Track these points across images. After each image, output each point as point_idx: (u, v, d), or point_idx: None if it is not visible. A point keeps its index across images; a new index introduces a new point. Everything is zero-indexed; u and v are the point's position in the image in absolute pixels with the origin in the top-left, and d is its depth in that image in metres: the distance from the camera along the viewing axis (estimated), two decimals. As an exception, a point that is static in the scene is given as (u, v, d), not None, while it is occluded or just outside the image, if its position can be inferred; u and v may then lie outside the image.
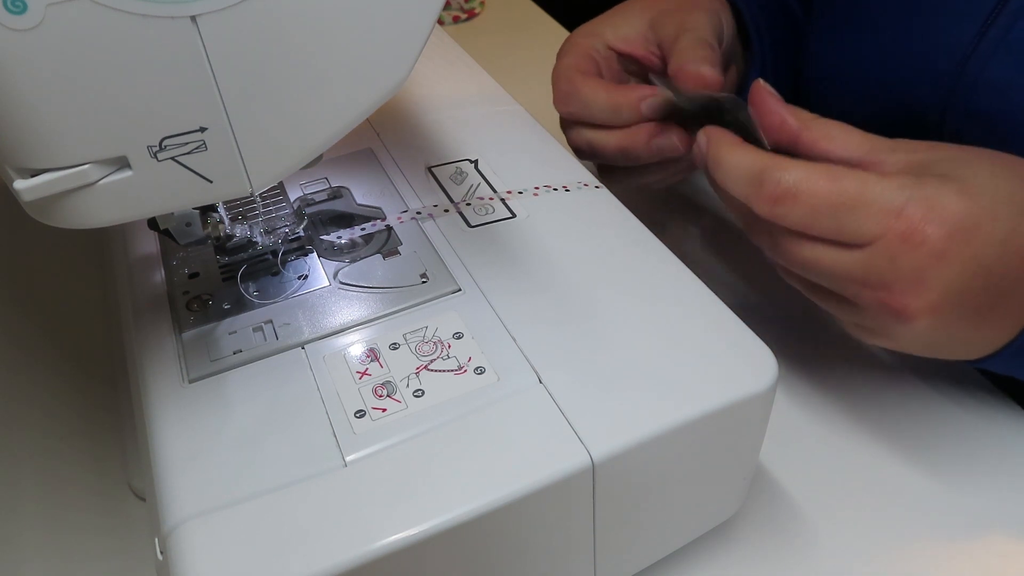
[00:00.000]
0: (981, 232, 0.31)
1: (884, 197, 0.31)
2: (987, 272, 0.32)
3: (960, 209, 0.31)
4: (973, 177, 0.32)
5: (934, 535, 0.38)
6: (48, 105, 0.23)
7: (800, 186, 0.32)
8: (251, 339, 0.33)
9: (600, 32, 0.47)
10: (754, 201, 0.33)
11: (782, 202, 0.32)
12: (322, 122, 0.27)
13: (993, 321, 0.34)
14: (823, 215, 0.32)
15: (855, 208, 0.31)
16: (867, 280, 0.33)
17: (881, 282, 0.32)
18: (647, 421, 0.29)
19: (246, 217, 0.39)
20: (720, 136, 0.36)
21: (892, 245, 0.31)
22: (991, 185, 0.32)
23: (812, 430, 0.42)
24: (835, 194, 0.31)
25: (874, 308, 0.33)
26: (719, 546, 0.38)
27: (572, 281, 0.35)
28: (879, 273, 0.32)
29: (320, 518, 0.27)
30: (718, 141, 0.35)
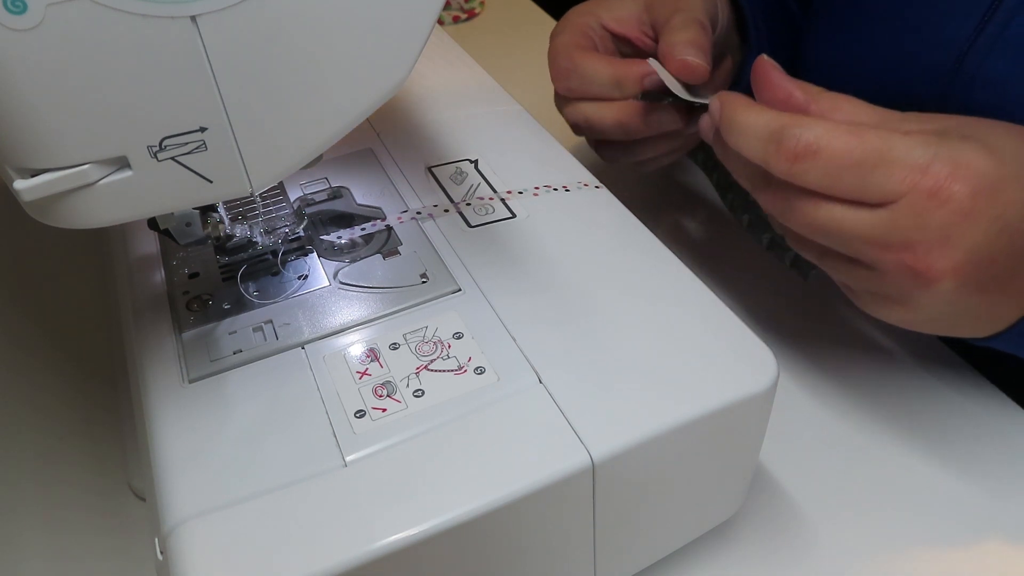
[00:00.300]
0: (1007, 192, 0.30)
1: (910, 154, 0.30)
2: (1012, 233, 0.31)
3: (987, 167, 0.30)
4: (996, 139, 0.31)
5: (934, 535, 0.38)
6: (48, 105, 0.23)
7: (821, 142, 0.31)
8: (251, 339, 0.33)
9: (595, 12, 0.47)
10: (772, 160, 0.32)
11: (802, 159, 0.31)
12: (322, 122, 0.27)
13: (1011, 291, 0.33)
14: (846, 172, 0.31)
15: (879, 165, 0.30)
16: (889, 241, 0.31)
17: (905, 242, 0.31)
18: (647, 421, 0.29)
19: (246, 217, 0.39)
20: (734, 98, 0.34)
21: (918, 202, 0.30)
22: (1012, 148, 0.31)
23: (812, 430, 0.42)
24: (859, 150, 0.30)
25: (895, 271, 0.32)
26: (719, 546, 0.38)
27: (572, 281, 0.35)
28: (903, 232, 0.31)
29: (320, 518, 0.27)
30: (733, 102, 0.34)
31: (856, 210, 0.32)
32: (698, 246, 0.54)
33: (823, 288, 0.50)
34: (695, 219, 0.56)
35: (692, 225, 0.56)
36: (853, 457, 0.41)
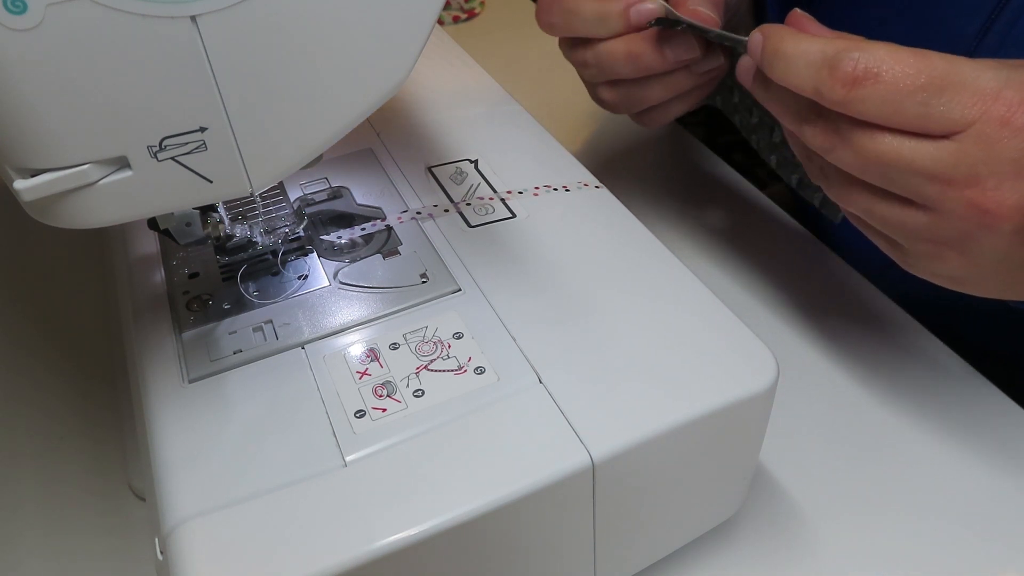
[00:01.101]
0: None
1: (979, 78, 0.28)
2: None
3: None
4: None
5: (934, 535, 0.38)
6: (48, 105, 0.23)
7: (883, 66, 0.28)
8: (251, 339, 0.33)
9: None
10: (825, 87, 0.29)
11: (861, 84, 0.29)
12: (322, 122, 0.27)
13: None
14: (908, 99, 0.28)
15: (946, 90, 0.28)
16: (954, 176, 0.29)
17: (972, 176, 0.29)
18: (647, 421, 0.29)
19: (246, 217, 0.39)
20: (778, 28, 0.31)
21: (989, 131, 0.28)
22: None
23: (812, 430, 0.42)
24: (924, 73, 0.28)
25: (958, 210, 0.30)
26: (719, 546, 0.38)
27: (572, 281, 0.35)
28: (971, 165, 0.29)
29: (320, 518, 0.27)
30: (778, 32, 0.31)
31: (919, 142, 0.29)
32: (698, 246, 0.54)
33: (823, 289, 0.50)
34: (695, 219, 0.56)
35: (692, 225, 0.56)
36: (853, 457, 0.41)
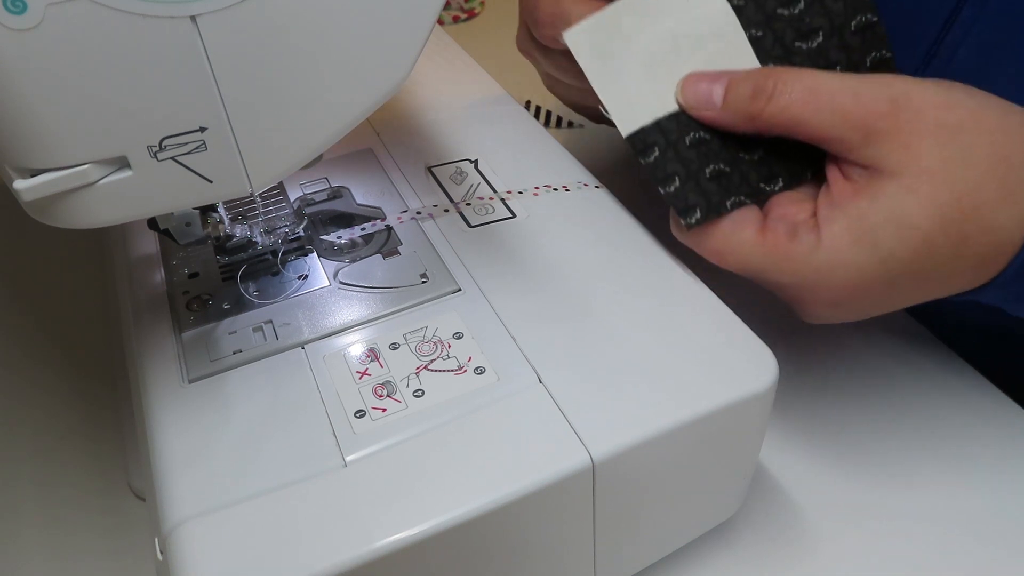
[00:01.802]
0: (863, 302, 0.34)
1: (766, 276, 0.34)
2: (883, 303, 0.35)
3: (838, 297, 0.34)
4: (890, 236, 0.32)
5: (934, 535, 0.38)
6: (48, 105, 0.23)
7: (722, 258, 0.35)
8: (251, 339, 0.33)
9: None
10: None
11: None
12: (322, 122, 0.27)
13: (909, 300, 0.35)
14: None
15: (748, 275, 0.35)
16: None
17: (794, 302, 0.36)
18: (647, 421, 0.29)
19: (246, 217, 0.39)
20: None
21: (791, 297, 0.36)
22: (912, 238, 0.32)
23: (812, 430, 0.42)
24: (729, 267, 0.35)
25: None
26: (719, 546, 0.38)
27: (572, 281, 0.35)
28: (787, 296, 0.36)
29: (320, 518, 0.27)
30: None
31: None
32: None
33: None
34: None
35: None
36: (853, 457, 0.41)
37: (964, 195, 0.31)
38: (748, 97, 0.33)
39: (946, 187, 0.31)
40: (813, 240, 0.32)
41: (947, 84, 0.32)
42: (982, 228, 0.31)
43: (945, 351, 0.46)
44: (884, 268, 0.32)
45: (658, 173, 0.35)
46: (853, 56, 0.36)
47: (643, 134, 0.36)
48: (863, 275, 0.32)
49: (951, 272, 0.32)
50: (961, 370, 0.45)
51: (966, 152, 0.31)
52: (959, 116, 0.31)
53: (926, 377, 0.44)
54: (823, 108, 0.32)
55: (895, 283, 0.32)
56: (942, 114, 0.31)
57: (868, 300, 0.34)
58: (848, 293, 0.33)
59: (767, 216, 0.35)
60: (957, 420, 0.42)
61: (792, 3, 0.36)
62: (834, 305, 0.34)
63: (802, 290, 0.34)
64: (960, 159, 0.31)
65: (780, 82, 0.33)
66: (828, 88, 0.32)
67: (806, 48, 0.36)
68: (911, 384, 0.44)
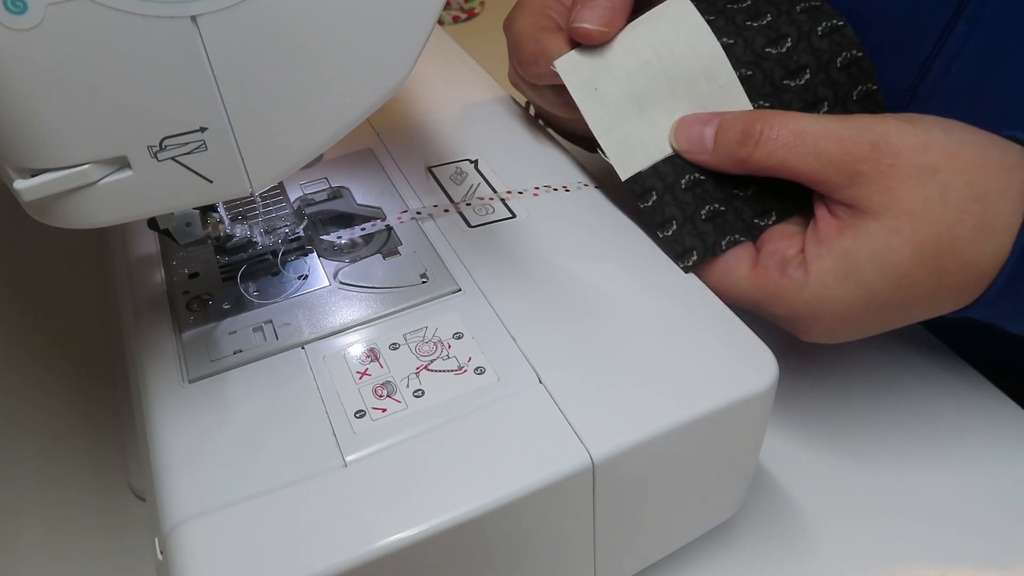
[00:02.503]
0: (852, 330, 0.36)
1: (760, 308, 0.36)
2: (872, 328, 0.36)
3: (829, 327, 0.36)
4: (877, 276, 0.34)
5: (934, 535, 0.38)
6: (48, 105, 0.23)
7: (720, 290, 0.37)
8: (251, 339, 0.33)
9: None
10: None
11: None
12: (322, 122, 0.27)
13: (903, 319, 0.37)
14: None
15: (744, 307, 0.37)
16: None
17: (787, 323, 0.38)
18: (647, 421, 0.29)
19: (246, 217, 0.39)
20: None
21: (787, 326, 0.37)
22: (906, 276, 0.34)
23: (812, 430, 0.42)
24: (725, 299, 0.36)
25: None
26: (719, 546, 0.38)
27: (572, 281, 0.35)
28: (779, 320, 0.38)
29: (320, 518, 0.27)
30: None
31: None
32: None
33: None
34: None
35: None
36: (853, 457, 0.41)
37: (943, 232, 0.33)
38: (737, 142, 0.35)
39: (925, 226, 0.33)
40: (802, 277, 0.34)
41: (926, 124, 0.34)
42: (960, 263, 0.33)
43: (945, 351, 0.46)
44: (868, 301, 0.34)
45: (656, 217, 0.37)
46: (840, 91, 0.38)
47: (641, 179, 0.37)
48: (849, 308, 0.34)
49: (932, 301, 0.35)
50: (961, 370, 0.45)
51: (943, 191, 0.32)
52: (935, 158, 0.33)
53: (926, 377, 0.44)
54: (808, 152, 0.34)
55: (881, 312, 0.35)
56: (920, 156, 0.33)
57: (857, 327, 0.36)
58: (838, 322, 0.35)
59: (759, 251, 0.37)
60: (957, 420, 0.42)
61: (779, 42, 0.38)
62: (827, 332, 0.36)
63: (795, 321, 0.36)
64: (938, 198, 0.32)
65: (767, 127, 0.35)
66: (813, 132, 0.34)
67: (795, 85, 0.38)
68: (911, 384, 0.44)
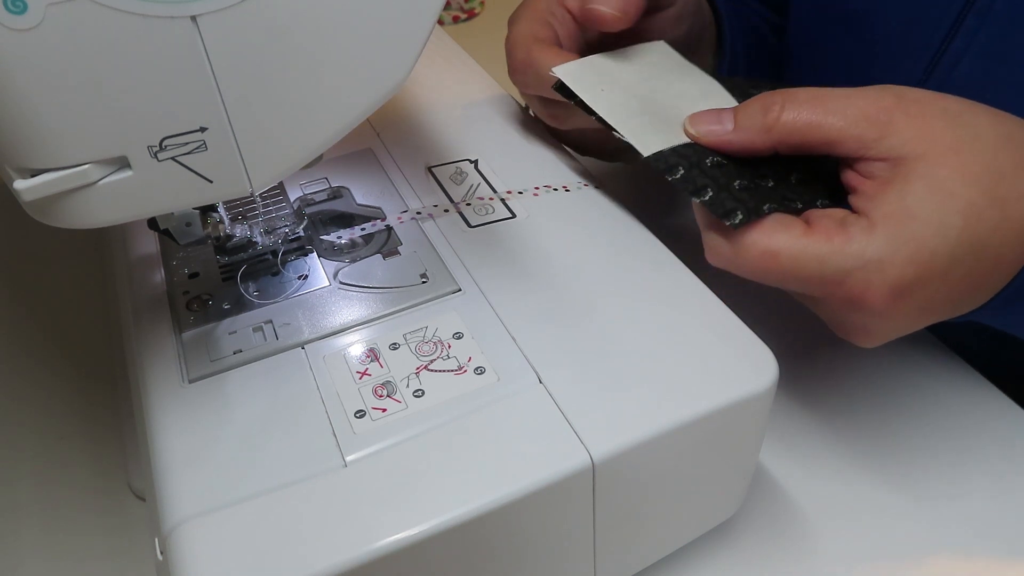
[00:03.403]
0: (928, 288, 0.32)
1: (825, 273, 0.32)
2: (933, 310, 0.33)
3: (907, 277, 0.31)
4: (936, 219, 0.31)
5: (934, 535, 0.38)
6: (48, 105, 0.23)
7: (738, 261, 0.33)
8: (251, 339, 0.33)
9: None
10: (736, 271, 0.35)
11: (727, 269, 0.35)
12: (322, 122, 0.27)
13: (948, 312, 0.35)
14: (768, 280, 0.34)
15: (796, 282, 0.33)
16: (822, 314, 0.35)
17: (834, 321, 0.35)
18: (647, 421, 0.29)
19: (246, 217, 0.39)
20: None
21: (835, 305, 0.33)
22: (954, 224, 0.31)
23: (812, 430, 0.42)
24: (774, 272, 0.33)
25: (834, 327, 0.36)
26: (719, 546, 0.38)
27: (572, 281, 0.35)
28: (829, 317, 0.35)
29: (320, 518, 0.27)
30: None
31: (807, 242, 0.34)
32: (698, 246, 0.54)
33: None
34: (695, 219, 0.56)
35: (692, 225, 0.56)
36: (853, 457, 0.41)
37: (989, 164, 0.31)
38: (760, 111, 0.34)
39: (971, 158, 0.31)
40: (866, 224, 0.31)
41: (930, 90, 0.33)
42: (1016, 193, 0.31)
43: (945, 351, 0.46)
44: (942, 239, 0.31)
45: (688, 187, 0.35)
46: None
47: (663, 156, 0.35)
48: (922, 249, 0.31)
49: (1002, 242, 0.32)
50: (961, 370, 0.45)
51: (975, 130, 0.32)
52: (956, 103, 0.32)
53: (926, 377, 0.44)
54: (834, 110, 0.32)
55: (955, 260, 0.31)
56: (941, 102, 0.32)
57: (930, 288, 0.32)
58: (913, 275, 0.31)
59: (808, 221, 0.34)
60: (957, 420, 0.42)
61: (759, 85, 0.37)
62: (896, 296, 0.32)
63: (857, 287, 0.32)
64: (971, 137, 0.31)
65: (787, 96, 0.33)
66: (833, 95, 0.33)
67: None
68: (911, 384, 0.44)
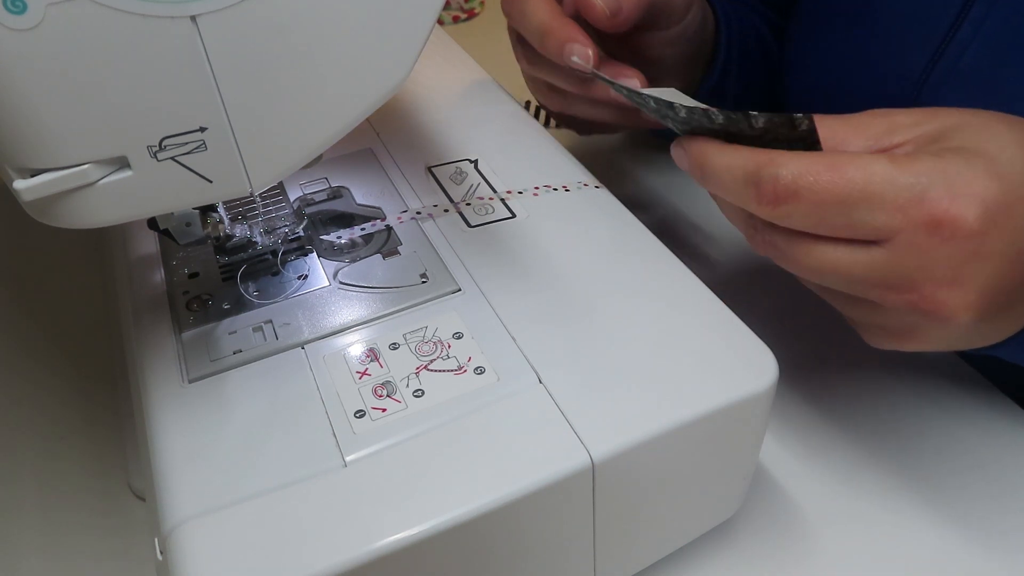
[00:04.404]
0: (1015, 214, 0.27)
1: (896, 185, 0.27)
2: (1022, 258, 0.28)
3: (991, 190, 0.27)
4: (999, 151, 0.28)
5: (934, 535, 0.38)
6: (48, 105, 0.23)
7: (800, 181, 0.28)
8: (251, 339, 0.33)
9: None
10: (753, 204, 0.29)
11: (784, 201, 0.28)
12: (322, 122, 0.27)
13: (1019, 309, 0.31)
14: (831, 211, 0.28)
15: (864, 201, 0.27)
16: (891, 281, 0.29)
17: (909, 282, 0.28)
18: (647, 421, 0.29)
19: (246, 217, 0.39)
20: (701, 144, 0.31)
21: (917, 239, 0.27)
22: (1014, 156, 0.28)
23: (812, 430, 0.42)
24: (839, 185, 0.27)
25: (903, 310, 0.29)
26: (719, 546, 0.38)
27: (572, 281, 0.35)
28: (905, 272, 0.28)
29: (320, 518, 0.27)
30: (701, 147, 0.31)
31: (852, 249, 0.29)
32: (698, 246, 0.54)
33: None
34: (695, 219, 0.56)
35: (692, 225, 0.56)
36: (853, 457, 0.41)
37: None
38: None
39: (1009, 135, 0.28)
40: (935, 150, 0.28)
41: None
42: None
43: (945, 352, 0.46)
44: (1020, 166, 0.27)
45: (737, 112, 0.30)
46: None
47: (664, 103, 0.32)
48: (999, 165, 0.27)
49: None
50: (962, 371, 0.45)
51: (999, 140, 0.28)
52: (965, 113, 0.30)
53: (926, 377, 0.44)
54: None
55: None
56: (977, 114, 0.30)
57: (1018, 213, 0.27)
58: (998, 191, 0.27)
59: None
60: (957, 420, 0.42)
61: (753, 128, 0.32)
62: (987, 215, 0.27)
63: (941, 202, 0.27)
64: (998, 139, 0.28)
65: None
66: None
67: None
68: (911, 384, 0.44)
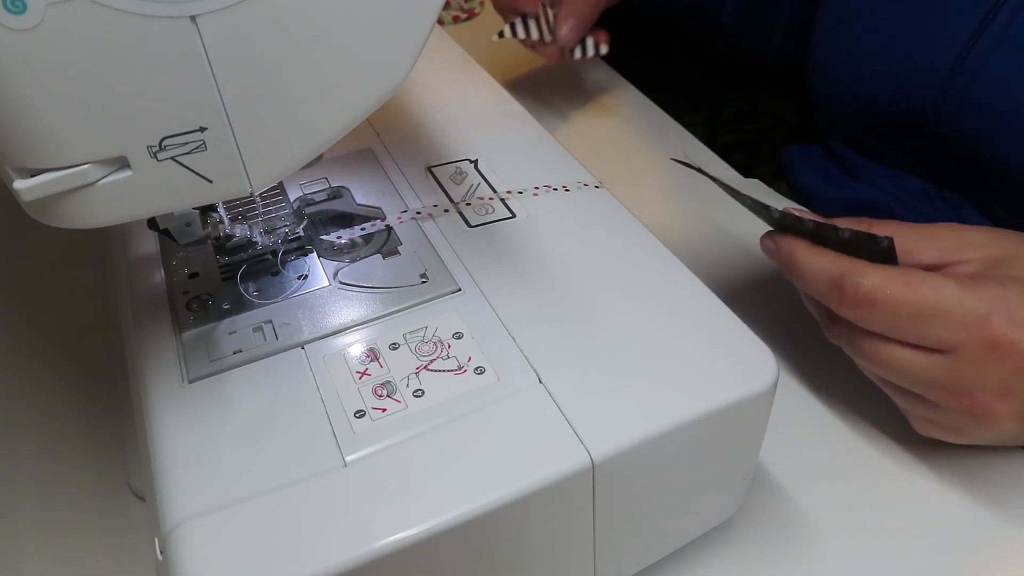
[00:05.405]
0: None
1: (962, 306, 0.31)
2: None
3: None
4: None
5: (934, 535, 0.38)
6: (48, 105, 0.23)
7: (879, 292, 0.32)
8: (251, 339, 0.33)
9: None
10: (835, 304, 0.34)
11: (863, 306, 0.33)
12: (322, 122, 0.27)
13: None
14: (903, 321, 0.32)
15: (935, 316, 0.32)
16: (949, 385, 0.33)
17: (965, 388, 0.33)
18: (647, 421, 0.29)
19: (246, 217, 0.39)
20: (792, 243, 0.36)
21: (977, 353, 0.32)
22: None
23: (812, 430, 0.42)
24: (913, 300, 0.32)
25: (955, 411, 0.34)
26: (719, 546, 0.38)
27: (572, 281, 0.35)
28: (963, 380, 0.33)
29: (320, 518, 0.27)
30: (791, 246, 0.36)
31: (918, 353, 0.33)
32: (698, 246, 0.54)
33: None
34: (695, 219, 0.56)
35: (692, 225, 0.56)
36: (853, 457, 0.41)
37: None
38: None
39: None
40: (999, 277, 0.32)
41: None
42: None
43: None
44: None
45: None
46: None
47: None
48: None
49: None
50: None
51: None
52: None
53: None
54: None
55: None
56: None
57: None
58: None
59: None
60: (957, 420, 0.42)
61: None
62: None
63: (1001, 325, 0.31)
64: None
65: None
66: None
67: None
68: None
